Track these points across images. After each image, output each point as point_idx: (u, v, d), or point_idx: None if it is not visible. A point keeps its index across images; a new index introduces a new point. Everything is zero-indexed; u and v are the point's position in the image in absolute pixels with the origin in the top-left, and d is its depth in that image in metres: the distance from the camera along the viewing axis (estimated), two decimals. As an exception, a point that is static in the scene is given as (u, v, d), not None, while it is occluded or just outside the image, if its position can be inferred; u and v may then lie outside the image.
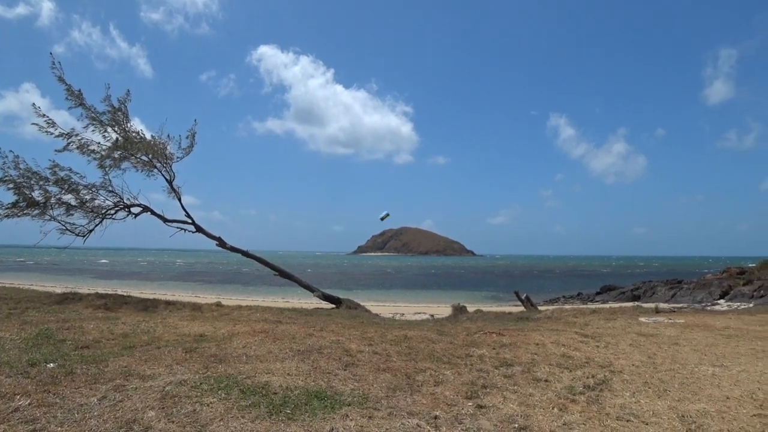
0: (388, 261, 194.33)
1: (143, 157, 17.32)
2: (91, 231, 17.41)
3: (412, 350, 8.62)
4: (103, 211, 17.43)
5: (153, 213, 18.30)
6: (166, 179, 18.09)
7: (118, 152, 16.83)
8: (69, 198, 16.68)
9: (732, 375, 7.52)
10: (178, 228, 18.80)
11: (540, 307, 21.23)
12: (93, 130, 16.64)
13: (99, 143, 16.72)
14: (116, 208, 17.72)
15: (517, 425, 5.09)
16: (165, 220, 18.47)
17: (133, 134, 16.97)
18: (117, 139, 16.75)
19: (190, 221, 18.81)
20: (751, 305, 27.09)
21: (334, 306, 19.76)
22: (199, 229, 19.05)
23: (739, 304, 29.75)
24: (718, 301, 33.06)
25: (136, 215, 18.23)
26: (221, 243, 19.49)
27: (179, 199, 18.47)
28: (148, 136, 17.31)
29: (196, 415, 4.95)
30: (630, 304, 27.99)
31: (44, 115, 16.15)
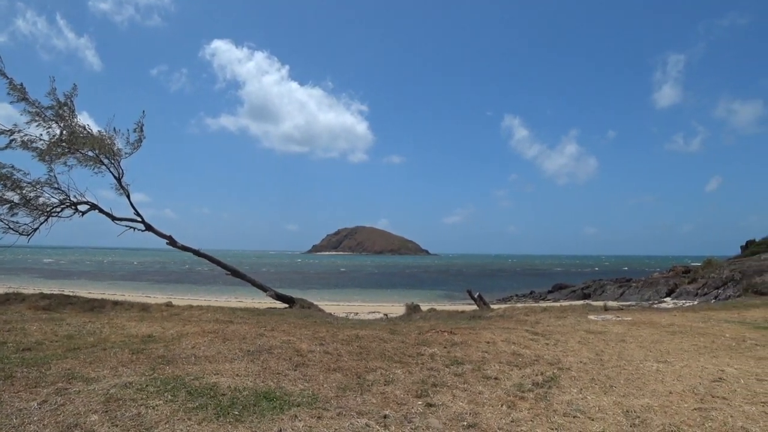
0: (342, 260, 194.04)
1: (90, 153, 16.87)
2: (35, 229, 16.88)
3: (364, 349, 8.61)
4: (48, 209, 16.92)
5: (101, 211, 17.86)
6: (115, 176, 17.67)
7: (61, 147, 16.33)
8: (12, 195, 16.14)
9: (675, 370, 7.72)
10: (127, 226, 18.39)
11: (493, 306, 21.44)
12: (37, 126, 16.14)
13: (43, 139, 16.22)
14: (62, 206, 17.22)
15: (465, 423, 5.12)
16: (113, 219, 18.05)
17: (79, 129, 16.51)
18: (61, 133, 16.26)
19: (139, 219, 18.44)
20: (695, 303, 27.98)
21: (287, 306, 19.62)
22: (148, 228, 18.68)
23: (684, 301, 30.71)
24: (665, 299, 34.06)
25: (83, 213, 17.75)
26: (172, 242, 19.16)
27: (128, 197, 18.07)
28: (95, 131, 16.87)
29: (141, 419, 4.84)
30: (580, 302, 28.59)
31: (-17, 113, 15.60)
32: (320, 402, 5.58)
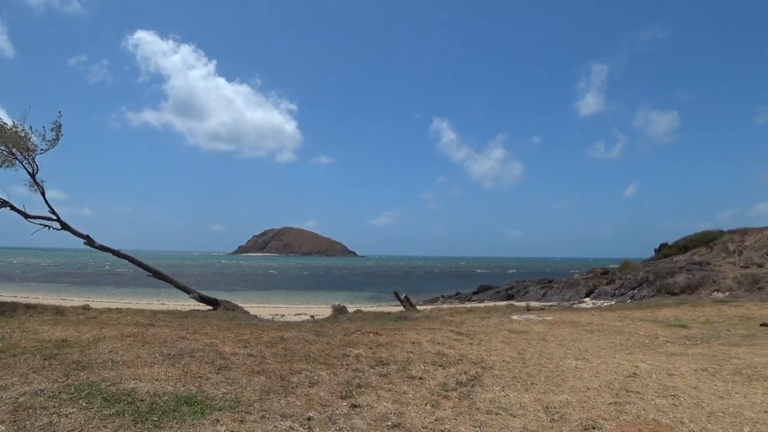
0: (269, 261, 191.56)
1: (1, 148, 16.03)
2: (-61, 229, 15.94)
3: (288, 351, 8.52)
4: (-47, 207, 15.99)
5: (12, 208, 17.01)
6: (29, 172, 16.86)
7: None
8: None
9: (593, 367, 8.01)
10: (41, 225, 17.60)
11: (419, 307, 21.67)
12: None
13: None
14: (-31, 203, 16.31)
15: (390, 423, 5.14)
16: (26, 216, 17.24)
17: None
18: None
19: (54, 217, 17.68)
20: (612, 302, 29.14)
21: (211, 308, 19.22)
22: (64, 227, 17.93)
23: (602, 301, 31.93)
24: (584, 299, 35.33)
25: (-8, 211, 16.84)
26: (89, 241, 18.46)
27: (43, 194, 17.30)
28: (8, 123, 16.03)
29: (53, 427, 4.64)
30: (504, 302, 29.21)
31: None
32: (243, 405, 5.48)
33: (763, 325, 13.18)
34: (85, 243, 18.61)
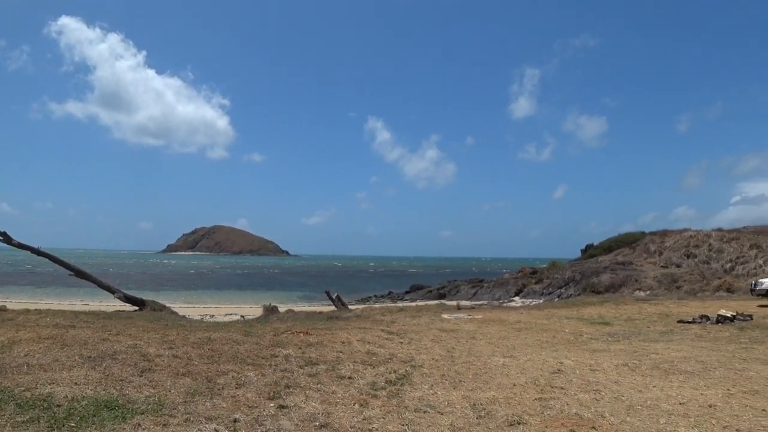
0: (199, 260, 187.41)
1: None
2: None
3: (215, 352, 8.34)
4: None
5: None
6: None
7: None
8: None
9: (520, 364, 8.20)
10: (-48, 223, 16.68)
11: (351, 306, 21.68)
12: None
13: None
14: None
15: (318, 423, 5.10)
16: (-64, 215, 16.31)
17: None
18: None
19: (-32, 216, 16.79)
20: (540, 301, 29.94)
21: (137, 308, 18.64)
22: (-21, 225, 17.05)
23: (531, 300, 32.76)
24: (514, 298, 36.15)
25: None
26: (6, 238, 17.60)
27: (-45, 191, 16.39)
28: None
29: (-41, 436, 4.38)
30: (435, 302, 29.55)
31: None
32: (167, 409, 5.33)
33: (680, 321, 13.82)
34: (1, 240, 17.74)
